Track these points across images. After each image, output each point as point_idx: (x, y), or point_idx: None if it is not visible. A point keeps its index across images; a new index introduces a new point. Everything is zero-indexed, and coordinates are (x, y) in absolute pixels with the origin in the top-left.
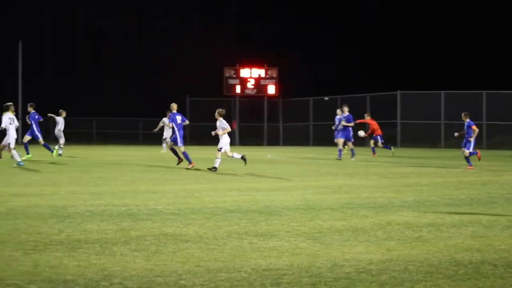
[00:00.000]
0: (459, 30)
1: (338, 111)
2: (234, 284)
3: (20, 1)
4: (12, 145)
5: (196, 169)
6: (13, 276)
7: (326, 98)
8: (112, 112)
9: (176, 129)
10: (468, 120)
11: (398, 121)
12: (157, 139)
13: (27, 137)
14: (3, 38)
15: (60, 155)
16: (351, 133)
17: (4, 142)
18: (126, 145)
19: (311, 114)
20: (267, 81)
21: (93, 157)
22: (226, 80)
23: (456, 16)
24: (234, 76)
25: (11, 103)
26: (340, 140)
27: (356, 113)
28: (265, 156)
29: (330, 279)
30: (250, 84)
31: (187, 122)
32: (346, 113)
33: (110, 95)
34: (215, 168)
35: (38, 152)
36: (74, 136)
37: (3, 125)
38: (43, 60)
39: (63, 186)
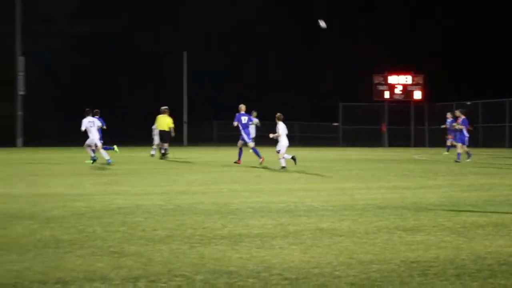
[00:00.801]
0: None
1: (449, 114)
2: (384, 275)
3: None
4: (99, 144)
5: (348, 170)
6: (181, 268)
7: (469, 103)
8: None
9: (241, 128)
10: None
11: None
12: (312, 141)
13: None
14: (170, 48)
15: (152, 155)
16: (466, 137)
17: (89, 142)
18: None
19: None
20: (413, 87)
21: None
22: (375, 86)
23: None
24: (383, 82)
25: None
26: (458, 144)
27: (495, 118)
28: (411, 156)
29: (473, 271)
30: (398, 90)
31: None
32: (462, 117)
33: (269, 99)
34: (283, 167)
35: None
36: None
37: (83, 128)
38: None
39: (225, 184)
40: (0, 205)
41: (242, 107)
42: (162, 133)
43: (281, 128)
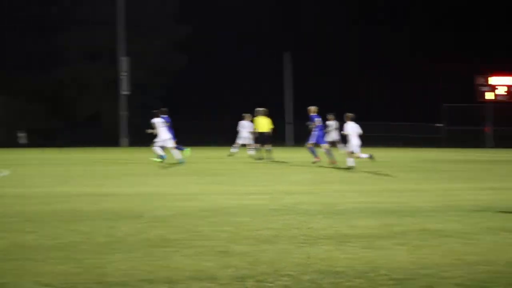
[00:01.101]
0: None
1: None
2: (491, 276)
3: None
4: (157, 145)
5: (452, 170)
6: (287, 267)
7: None
8: (375, 117)
9: (316, 129)
10: None
11: None
12: (415, 142)
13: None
14: (272, 49)
15: (250, 155)
16: None
17: (164, 143)
18: (391, 147)
19: None
20: None
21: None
22: (478, 88)
23: None
24: (485, 83)
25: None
26: None
27: None
28: None
29: None
30: (502, 91)
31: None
32: None
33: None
34: (351, 167)
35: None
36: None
37: (156, 126)
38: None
39: (332, 184)
40: (107, 204)
41: (312, 109)
42: (263, 135)
43: (349, 128)
